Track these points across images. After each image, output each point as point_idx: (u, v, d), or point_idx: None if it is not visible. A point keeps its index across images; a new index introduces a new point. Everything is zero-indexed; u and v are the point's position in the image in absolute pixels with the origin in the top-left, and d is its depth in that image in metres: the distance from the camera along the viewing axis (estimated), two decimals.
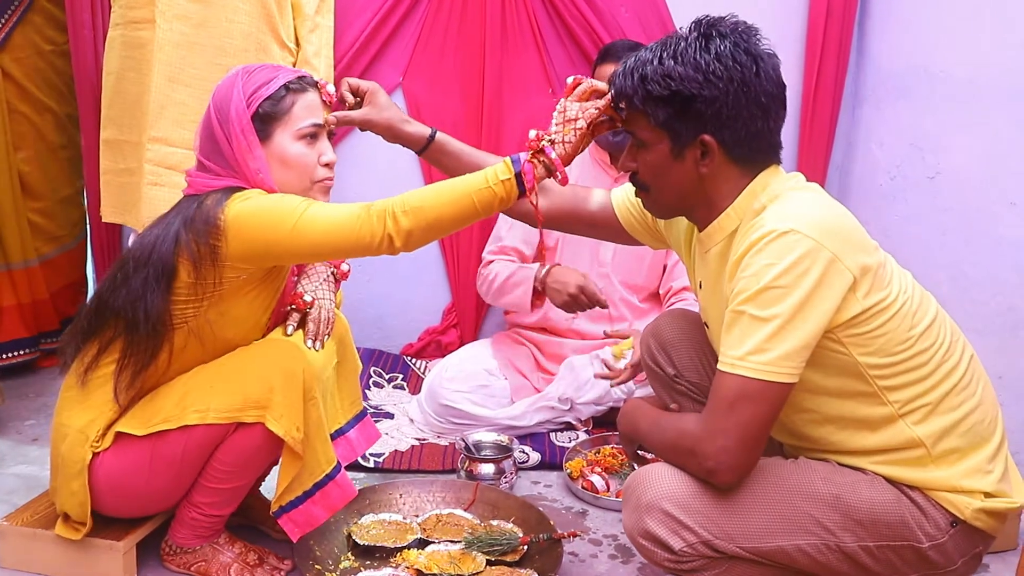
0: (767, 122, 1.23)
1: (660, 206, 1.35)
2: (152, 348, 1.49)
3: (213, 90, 1.54)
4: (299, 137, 1.52)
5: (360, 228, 1.41)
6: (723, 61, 1.19)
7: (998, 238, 2.04)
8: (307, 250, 1.45)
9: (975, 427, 1.25)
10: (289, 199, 1.46)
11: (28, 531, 1.61)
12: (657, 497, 1.21)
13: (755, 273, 1.16)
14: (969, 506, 1.22)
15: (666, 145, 1.25)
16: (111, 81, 2.18)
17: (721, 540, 1.20)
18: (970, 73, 2.10)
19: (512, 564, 1.64)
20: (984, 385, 1.31)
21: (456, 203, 1.41)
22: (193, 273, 1.45)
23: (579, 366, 2.30)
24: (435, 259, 2.73)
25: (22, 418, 2.33)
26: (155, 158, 2.07)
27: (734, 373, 1.16)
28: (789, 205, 1.22)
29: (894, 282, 1.24)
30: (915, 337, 1.22)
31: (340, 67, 2.49)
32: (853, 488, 1.23)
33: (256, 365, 1.50)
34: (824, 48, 2.49)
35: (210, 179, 1.51)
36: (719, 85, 1.19)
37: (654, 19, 2.52)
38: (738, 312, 1.17)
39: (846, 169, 2.58)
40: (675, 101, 1.21)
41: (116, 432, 1.51)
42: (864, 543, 1.23)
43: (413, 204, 1.42)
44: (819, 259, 1.14)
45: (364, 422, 1.80)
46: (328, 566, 1.62)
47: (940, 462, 1.24)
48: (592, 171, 2.43)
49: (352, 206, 1.44)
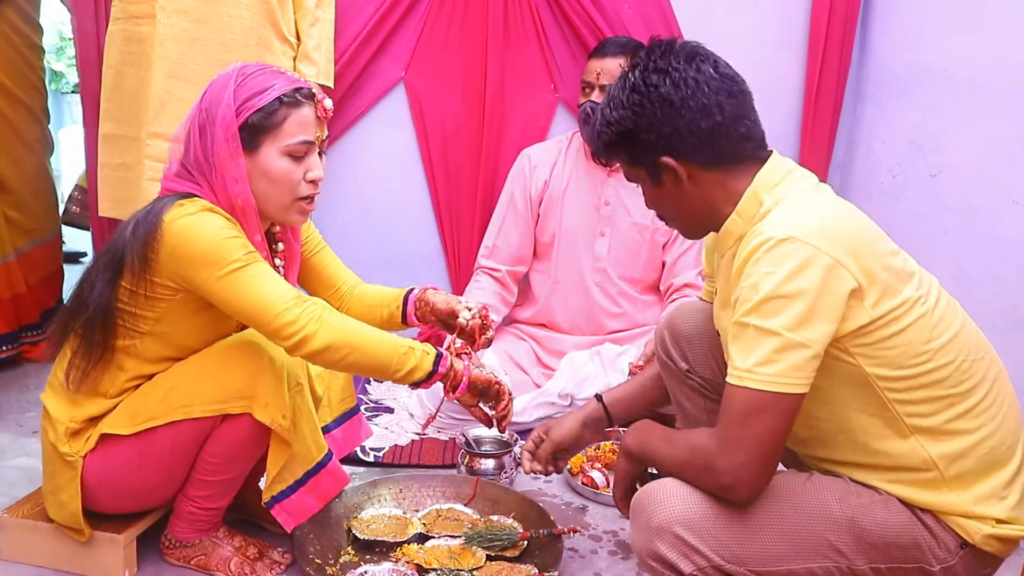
0: (712, 119, 1.22)
1: (685, 230, 1.37)
2: (102, 343, 1.47)
3: (207, 85, 1.50)
4: (287, 153, 1.46)
5: (283, 313, 1.38)
6: (637, 89, 1.24)
7: (999, 236, 2.04)
8: (224, 304, 1.41)
9: (993, 451, 1.21)
10: (233, 246, 1.40)
11: (28, 523, 1.61)
12: (668, 520, 1.18)
13: (755, 283, 1.14)
14: (980, 531, 1.19)
15: (646, 178, 1.30)
16: (111, 75, 2.18)
17: (732, 564, 1.18)
18: (972, 71, 2.10)
19: (512, 559, 1.64)
20: (1009, 407, 1.25)
21: (381, 341, 1.45)
22: (131, 280, 1.43)
23: (579, 362, 2.30)
24: (436, 253, 2.73)
25: (22, 410, 2.33)
26: (155, 154, 2.05)
27: (743, 386, 1.14)
28: (789, 211, 1.20)
29: (911, 290, 1.19)
30: (932, 352, 1.18)
31: (342, 62, 2.49)
32: (868, 510, 1.21)
33: (239, 356, 1.49)
34: (826, 46, 2.49)
35: (178, 183, 1.47)
36: (643, 112, 1.23)
37: (656, 14, 2.51)
38: (742, 324, 1.16)
39: (848, 167, 2.58)
40: (624, 142, 1.28)
41: (102, 434, 1.50)
42: (876, 565, 1.21)
43: (347, 322, 1.44)
44: (818, 265, 1.12)
45: (353, 420, 1.80)
46: (328, 560, 1.62)
47: (953, 485, 1.20)
48: (585, 165, 2.43)
49: (288, 288, 1.42)
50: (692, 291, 2.34)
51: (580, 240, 2.43)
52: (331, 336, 1.40)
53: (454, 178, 2.64)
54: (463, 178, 2.64)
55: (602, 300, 2.44)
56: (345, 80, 2.53)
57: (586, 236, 2.42)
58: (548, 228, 2.45)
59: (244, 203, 1.46)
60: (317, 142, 1.51)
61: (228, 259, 1.39)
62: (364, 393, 2.49)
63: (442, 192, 2.65)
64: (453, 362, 1.51)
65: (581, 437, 1.64)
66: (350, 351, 1.42)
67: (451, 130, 2.62)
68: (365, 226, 2.70)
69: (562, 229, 2.43)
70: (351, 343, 1.42)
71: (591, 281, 2.43)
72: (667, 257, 2.43)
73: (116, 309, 1.46)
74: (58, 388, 1.54)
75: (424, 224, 2.71)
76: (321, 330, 1.39)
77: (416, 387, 1.52)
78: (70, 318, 1.51)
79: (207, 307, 1.48)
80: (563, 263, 2.45)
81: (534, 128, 2.61)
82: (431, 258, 2.73)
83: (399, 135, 2.64)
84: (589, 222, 2.42)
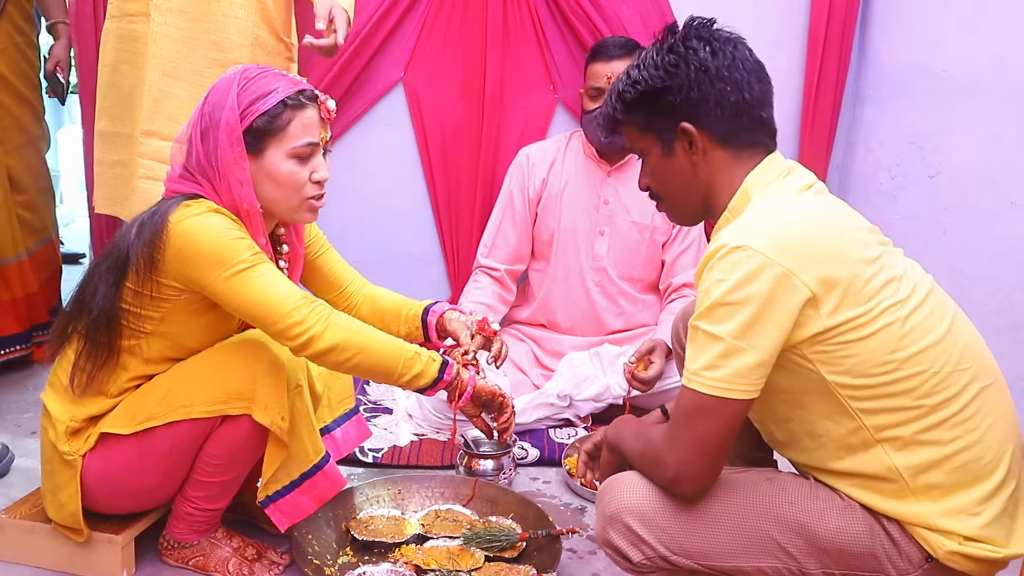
0: (740, 95, 1.23)
1: (678, 211, 1.35)
2: (107, 345, 1.47)
3: (208, 88, 1.49)
4: (292, 155, 1.47)
5: (291, 313, 1.38)
6: (675, 51, 1.24)
7: (998, 237, 2.05)
8: (230, 304, 1.41)
9: (968, 465, 1.17)
10: (240, 247, 1.40)
11: (27, 524, 1.61)
12: (620, 509, 1.22)
13: (707, 288, 1.16)
14: (943, 547, 1.16)
15: (656, 146, 1.29)
16: (106, 73, 2.15)
17: (679, 556, 1.21)
18: (971, 72, 2.10)
19: (510, 560, 1.64)
20: (996, 420, 1.20)
21: (388, 344, 1.46)
22: (135, 281, 1.43)
23: (578, 362, 2.30)
24: (435, 254, 2.73)
25: (20, 411, 2.33)
26: (149, 152, 2.04)
27: (691, 388, 1.16)
28: (754, 218, 1.20)
29: (882, 298, 1.15)
30: (899, 361, 1.15)
31: (341, 62, 2.49)
32: (822, 516, 1.20)
33: (239, 358, 1.49)
34: (825, 47, 2.49)
35: (182, 184, 1.47)
36: (679, 73, 1.23)
37: (655, 15, 2.51)
38: (694, 327, 1.17)
39: (847, 168, 2.58)
40: (645, 101, 1.27)
41: (101, 433, 1.50)
42: (829, 570, 1.21)
43: (353, 323, 1.44)
44: (768, 274, 1.11)
45: (352, 421, 1.80)
46: (326, 561, 1.62)
47: (921, 496, 1.17)
48: (584, 165, 2.43)
49: (295, 289, 1.42)
50: (691, 291, 2.34)
51: (579, 239, 2.43)
52: (338, 337, 1.40)
53: (453, 178, 2.64)
54: (462, 178, 2.64)
55: (601, 299, 2.44)
56: (344, 80, 2.53)
57: (585, 235, 2.43)
58: (547, 227, 2.45)
59: (249, 206, 1.46)
60: (321, 143, 1.51)
61: (235, 259, 1.39)
62: (363, 394, 2.49)
63: (441, 192, 2.65)
64: (459, 371, 1.52)
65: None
66: (356, 352, 1.42)
67: (450, 130, 2.62)
68: (364, 226, 2.70)
69: (561, 228, 2.44)
70: (357, 344, 1.42)
71: (590, 280, 2.43)
72: (666, 256, 2.44)
73: (120, 310, 1.46)
74: (58, 387, 1.54)
75: (423, 224, 2.71)
76: (328, 330, 1.40)
77: (420, 392, 1.52)
78: (71, 320, 1.51)
79: (211, 307, 1.48)
80: (562, 262, 2.45)
81: (533, 128, 2.61)
82: (430, 258, 2.74)
83: (398, 135, 2.64)
84: (588, 221, 2.42)
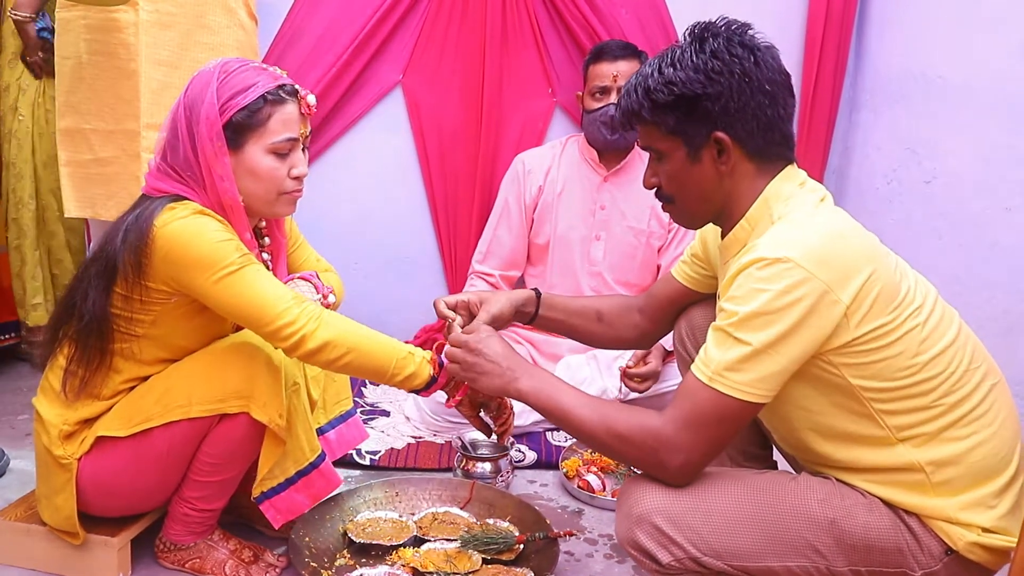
0: (776, 110, 1.22)
1: (687, 215, 1.34)
2: (98, 349, 1.46)
3: (188, 81, 1.47)
4: (272, 151, 1.46)
5: (282, 314, 1.38)
6: (720, 57, 1.20)
7: (993, 242, 2.06)
8: (220, 306, 1.41)
9: (985, 459, 1.20)
10: (228, 248, 1.39)
11: (21, 527, 1.60)
12: (649, 510, 1.20)
13: (744, 296, 1.14)
14: (963, 538, 1.19)
15: (682, 151, 1.25)
16: (69, 66, 2.05)
17: (709, 557, 1.19)
18: (966, 78, 2.11)
19: (508, 563, 1.64)
20: (1007, 417, 1.24)
21: (381, 344, 1.46)
22: (124, 286, 1.43)
23: (575, 365, 2.31)
24: (433, 257, 2.73)
25: (14, 413, 2.32)
26: (151, 146, 1.98)
27: (711, 387, 1.15)
28: (790, 229, 1.19)
29: (903, 305, 1.18)
30: (920, 364, 1.17)
31: (339, 64, 2.49)
32: (850, 513, 1.21)
33: (236, 357, 1.48)
34: (822, 53, 2.50)
35: (165, 183, 1.45)
36: (721, 80, 1.19)
37: (654, 20, 2.53)
38: (723, 330, 1.16)
39: (843, 173, 2.59)
40: (681, 104, 1.22)
41: (97, 436, 1.49)
42: (856, 568, 1.21)
43: (346, 323, 1.44)
44: (811, 291, 1.12)
45: (348, 423, 1.79)
46: (323, 563, 1.62)
47: (940, 490, 1.20)
48: (580, 170, 2.44)
49: (285, 289, 1.42)
50: None
51: (576, 244, 2.43)
52: (329, 336, 1.40)
53: (451, 181, 2.65)
54: (460, 181, 2.64)
55: None
56: (342, 83, 2.53)
57: (581, 240, 2.43)
58: (543, 232, 2.46)
59: (231, 201, 1.45)
60: (301, 138, 1.51)
61: (223, 262, 1.38)
62: (360, 396, 2.49)
63: (439, 195, 2.65)
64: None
65: (508, 320, 1.57)
66: (347, 351, 1.42)
67: (448, 133, 2.62)
68: (362, 229, 2.70)
69: (557, 233, 2.44)
70: (349, 343, 1.42)
71: (587, 285, 2.44)
72: (662, 260, 2.44)
73: (111, 315, 1.45)
74: (50, 392, 1.53)
75: (421, 227, 2.71)
76: (320, 329, 1.40)
77: (416, 393, 1.51)
78: (62, 325, 1.50)
79: (202, 310, 1.47)
80: (559, 267, 2.45)
81: (531, 132, 2.62)
82: (428, 261, 2.74)
83: (397, 138, 2.65)
84: (584, 226, 2.43)
